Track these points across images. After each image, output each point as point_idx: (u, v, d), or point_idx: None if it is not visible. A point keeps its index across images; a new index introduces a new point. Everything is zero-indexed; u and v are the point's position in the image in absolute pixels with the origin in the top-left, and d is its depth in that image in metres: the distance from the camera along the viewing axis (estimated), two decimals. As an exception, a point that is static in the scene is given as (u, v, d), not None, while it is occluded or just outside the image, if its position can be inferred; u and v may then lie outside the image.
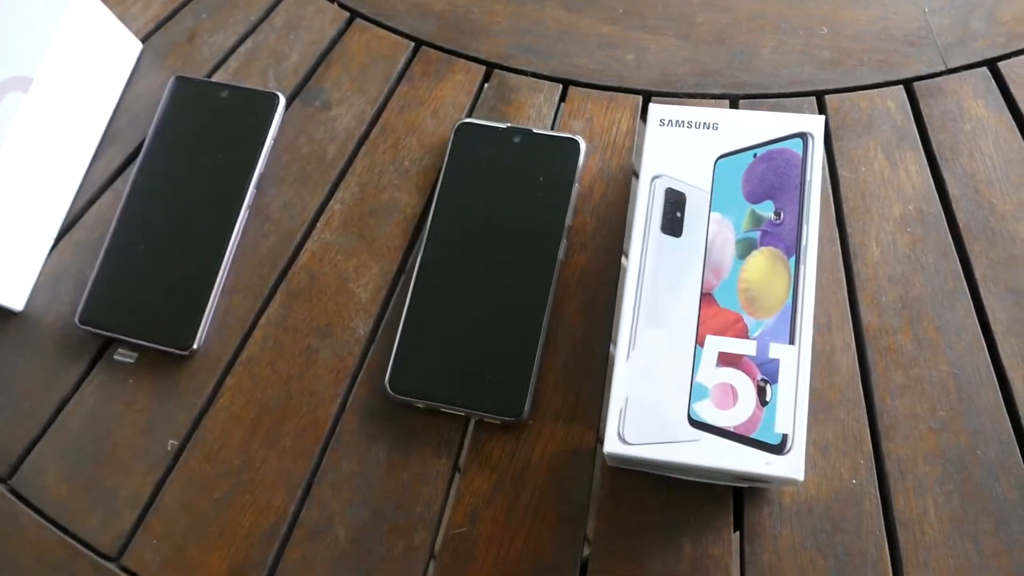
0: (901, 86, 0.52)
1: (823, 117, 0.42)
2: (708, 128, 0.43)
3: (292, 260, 0.51)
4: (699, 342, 0.39)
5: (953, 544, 0.41)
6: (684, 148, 0.43)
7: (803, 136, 0.42)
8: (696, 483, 0.43)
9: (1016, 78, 0.51)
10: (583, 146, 0.50)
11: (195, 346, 0.48)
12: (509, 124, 0.51)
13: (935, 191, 0.49)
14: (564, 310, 0.47)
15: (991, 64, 0.52)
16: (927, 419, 0.44)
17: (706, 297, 0.40)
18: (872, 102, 0.52)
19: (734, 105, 0.53)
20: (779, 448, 0.37)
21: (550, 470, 0.44)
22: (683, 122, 0.43)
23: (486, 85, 0.55)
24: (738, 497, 0.43)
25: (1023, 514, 0.41)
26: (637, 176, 0.43)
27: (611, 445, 0.38)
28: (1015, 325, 0.45)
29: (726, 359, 0.39)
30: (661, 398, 0.38)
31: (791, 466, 0.37)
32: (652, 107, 0.44)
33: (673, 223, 0.41)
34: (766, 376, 0.38)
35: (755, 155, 0.42)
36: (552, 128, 0.53)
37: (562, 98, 0.54)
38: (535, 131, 0.50)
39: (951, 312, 0.46)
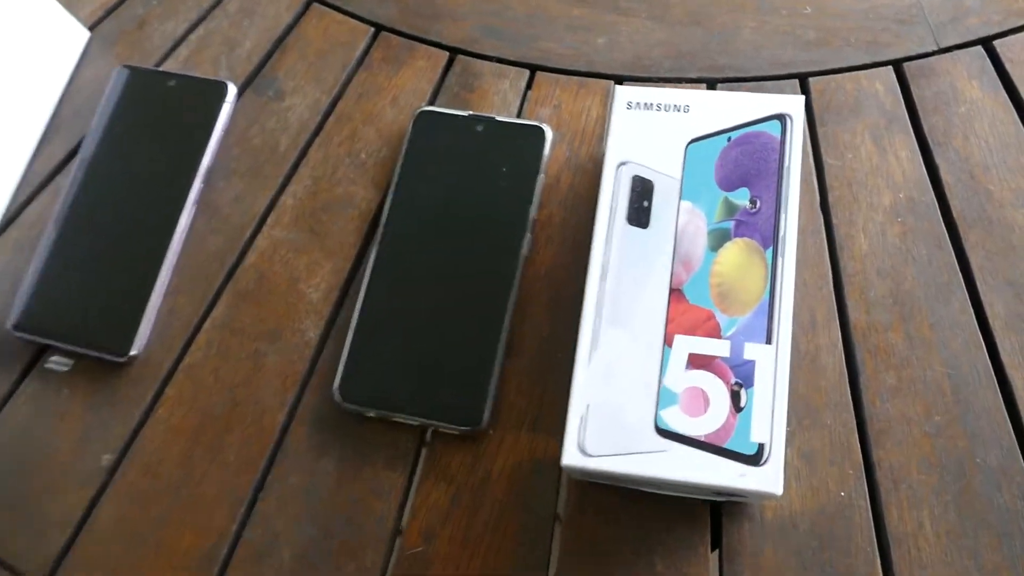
0: (890, 67, 0.49)
1: (803, 97, 0.39)
2: (679, 111, 0.40)
3: (240, 258, 0.47)
4: (667, 342, 0.36)
5: (951, 561, 0.38)
6: (652, 132, 0.40)
7: (781, 118, 0.39)
8: (670, 497, 0.39)
9: (1013, 57, 0.48)
10: (549, 134, 0.46)
11: (134, 352, 0.45)
12: (471, 112, 0.47)
13: (927, 178, 0.46)
14: (528, 309, 0.44)
15: (986, 43, 0.50)
16: (921, 424, 0.40)
17: (675, 293, 0.36)
18: (859, 84, 0.49)
19: (711, 89, 0.49)
20: (755, 459, 0.33)
21: (512, 483, 0.41)
22: (652, 104, 0.40)
23: (449, 72, 0.52)
24: (715, 512, 0.40)
25: (1027, 527, 0.38)
26: (603, 164, 0.40)
27: (570, 457, 0.35)
28: (1015, 320, 0.42)
29: (696, 361, 0.35)
30: (625, 404, 0.35)
31: (768, 479, 0.33)
32: (618, 89, 0.41)
33: (640, 213, 0.38)
34: (740, 379, 0.35)
35: (729, 139, 0.39)
36: (519, 116, 0.50)
37: (529, 84, 0.51)
38: (498, 119, 0.47)
39: (946, 307, 0.43)
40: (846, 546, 0.38)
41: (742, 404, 0.34)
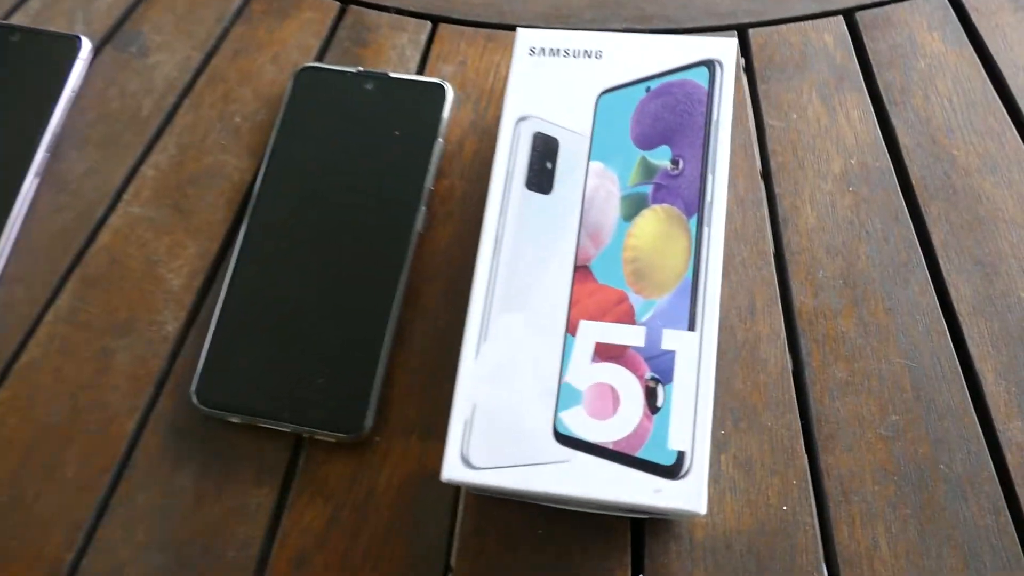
0: (841, 16, 0.45)
1: (735, 41, 0.34)
2: (590, 57, 0.34)
3: (90, 240, 0.41)
4: (570, 330, 0.30)
5: (911, 583, 0.33)
6: (559, 82, 0.34)
7: (709, 64, 0.33)
8: (582, 513, 0.34)
9: (979, 5, 0.45)
10: (450, 93, 0.40)
11: (-43, 350, 0.38)
12: (361, 68, 0.41)
13: (883, 142, 0.42)
14: (422, 296, 0.38)
15: (949, -11, 0.46)
16: (876, 425, 0.36)
17: (581, 271, 0.30)
18: (806, 36, 0.44)
19: (640, 43, 0.44)
20: (673, 471, 0.28)
21: (400, 499, 0.35)
22: (559, 50, 0.34)
23: (340, 24, 0.46)
24: (637, 530, 0.34)
25: (998, 543, 0.33)
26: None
27: (451, 470, 0.28)
28: (983, 303, 0.37)
29: (605, 352, 0.29)
30: (519, 406, 0.29)
31: (689, 495, 0.27)
32: (520, 32, 0.35)
33: (541, 176, 0.32)
34: (657, 374, 0.29)
35: (648, 89, 0.33)
36: (419, 74, 0.44)
37: (431, 38, 0.45)
38: (392, 75, 0.41)
39: (904, 289, 0.38)
40: (789, 569, 0.33)
41: (659, 403, 0.28)
